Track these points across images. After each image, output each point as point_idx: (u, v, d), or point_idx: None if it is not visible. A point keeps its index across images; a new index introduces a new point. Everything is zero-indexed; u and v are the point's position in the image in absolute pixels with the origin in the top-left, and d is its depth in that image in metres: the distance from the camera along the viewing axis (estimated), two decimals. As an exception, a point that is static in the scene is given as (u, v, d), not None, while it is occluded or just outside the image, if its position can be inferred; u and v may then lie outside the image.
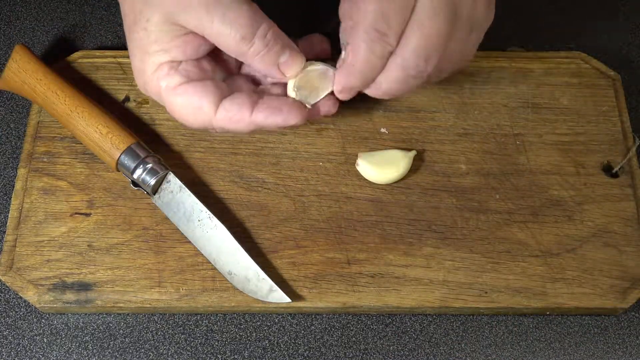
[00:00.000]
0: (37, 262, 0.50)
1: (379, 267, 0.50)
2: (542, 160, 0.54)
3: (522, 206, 0.52)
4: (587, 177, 0.54)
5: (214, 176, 0.53)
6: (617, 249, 0.51)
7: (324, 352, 0.50)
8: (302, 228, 0.51)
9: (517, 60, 0.58)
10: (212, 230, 0.50)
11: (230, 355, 0.50)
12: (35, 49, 0.61)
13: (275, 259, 0.50)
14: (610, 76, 0.58)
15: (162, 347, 0.50)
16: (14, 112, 0.58)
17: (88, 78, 0.57)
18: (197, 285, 0.49)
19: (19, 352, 0.50)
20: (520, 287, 0.50)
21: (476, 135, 0.55)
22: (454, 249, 0.51)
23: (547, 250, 0.51)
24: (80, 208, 0.52)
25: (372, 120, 0.56)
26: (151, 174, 0.50)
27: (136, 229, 0.51)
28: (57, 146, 0.54)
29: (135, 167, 0.50)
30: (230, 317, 0.51)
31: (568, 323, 0.51)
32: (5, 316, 0.51)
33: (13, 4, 0.64)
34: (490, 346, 0.50)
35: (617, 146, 0.55)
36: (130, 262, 0.50)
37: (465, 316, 0.51)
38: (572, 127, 0.56)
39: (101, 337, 0.50)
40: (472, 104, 0.57)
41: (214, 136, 0.55)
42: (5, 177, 0.55)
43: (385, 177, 0.52)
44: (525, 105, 0.56)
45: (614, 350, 0.50)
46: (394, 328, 0.51)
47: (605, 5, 0.65)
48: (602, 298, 0.50)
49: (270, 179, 0.53)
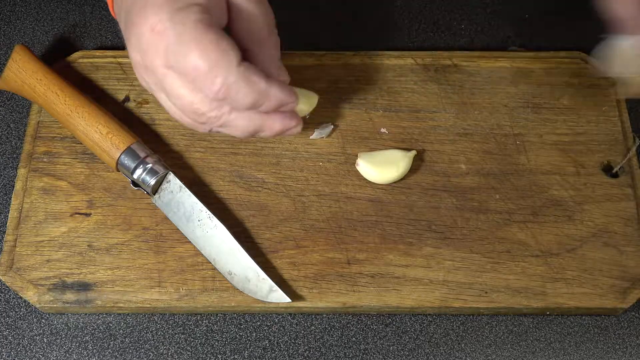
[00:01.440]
0: (37, 262, 0.50)
1: (379, 267, 0.50)
2: (542, 160, 0.54)
3: (522, 206, 0.52)
4: (587, 177, 0.54)
5: (214, 176, 0.53)
6: (617, 249, 0.51)
7: (324, 352, 0.50)
8: (302, 228, 0.51)
9: (517, 60, 0.58)
10: (212, 230, 0.50)
11: (230, 355, 0.50)
12: (35, 49, 0.61)
13: (275, 259, 0.50)
14: (610, 76, 0.58)
15: (162, 347, 0.50)
16: (14, 112, 0.58)
17: (88, 78, 0.57)
18: (197, 285, 0.49)
19: (19, 352, 0.50)
20: (520, 287, 0.50)
21: (476, 135, 0.55)
22: (454, 249, 0.51)
23: (547, 250, 0.51)
24: (80, 208, 0.52)
25: (372, 120, 0.56)
26: (151, 174, 0.50)
27: (136, 229, 0.51)
28: (57, 146, 0.54)
29: (135, 167, 0.50)
30: (230, 317, 0.51)
31: (568, 323, 0.51)
32: (5, 316, 0.51)
33: (13, 4, 0.64)
34: (490, 346, 0.50)
35: (617, 146, 0.55)
36: (130, 262, 0.50)
37: (465, 316, 0.51)
38: (572, 127, 0.56)
39: (101, 337, 0.50)
40: (472, 104, 0.57)
41: (214, 136, 0.55)
42: (5, 177, 0.55)
43: (385, 177, 0.52)
44: (525, 105, 0.56)
45: (614, 350, 0.50)
46: (394, 328, 0.51)
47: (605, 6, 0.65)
48: (602, 298, 0.50)
49: (270, 179, 0.53)
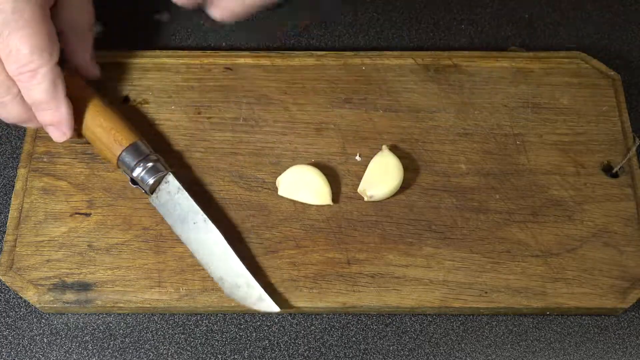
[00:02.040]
0: (37, 262, 0.50)
1: (379, 267, 0.50)
2: (542, 160, 0.54)
3: (522, 206, 0.52)
4: (587, 177, 0.54)
5: (214, 176, 0.53)
6: (617, 249, 0.51)
7: (324, 352, 0.50)
8: (302, 228, 0.51)
9: (517, 60, 0.58)
10: (206, 234, 0.49)
11: (230, 355, 0.50)
12: (35, 49, 0.61)
13: (275, 259, 0.50)
14: (610, 76, 0.58)
15: (162, 347, 0.50)
16: (14, 112, 0.58)
17: (88, 78, 0.57)
18: (197, 285, 0.49)
19: (19, 352, 0.50)
20: (520, 287, 0.50)
21: (476, 135, 0.55)
22: (454, 249, 0.51)
23: (547, 250, 0.51)
24: (80, 208, 0.52)
25: (372, 120, 0.56)
26: (150, 173, 0.50)
27: (136, 229, 0.51)
28: (57, 146, 0.54)
29: (136, 165, 0.50)
30: (230, 317, 0.51)
31: (568, 323, 0.51)
32: (5, 316, 0.51)
33: (13, 4, 0.63)
34: (490, 346, 0.50)
35: (617, 146, 0.55)
36: (130, 262, 0.50)
37: (465, 316, 0.51)
38: (572, 127, 0.56)
39: (101, 337, 0.50)
40: (472, 104, 0.57)
41: (213, 136, 0.55)
42: (5, 177, 0.55)
43: (390, 188, 0.52)
44: (525, 105, 0.56)
45: (614, 350, 0.50)
46: (394, 328, 0.51)
47: (605, 5, 0.65)
48: (602, 298, 0.50)
49: (270, 179, 0.53)
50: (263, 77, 0.57)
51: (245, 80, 0.57)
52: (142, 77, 0.57)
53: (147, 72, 0.57)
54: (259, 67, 0.58)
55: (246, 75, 0.57)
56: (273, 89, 0.57)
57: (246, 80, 0.57)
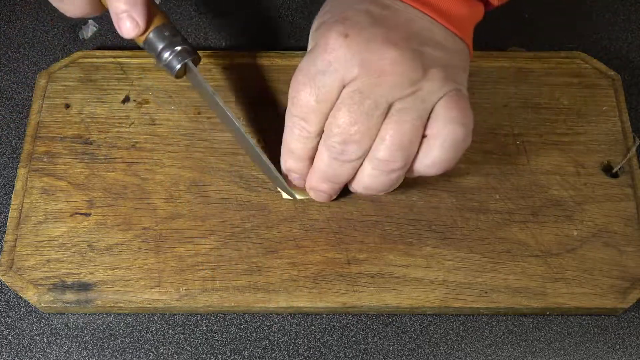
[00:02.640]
0: (37, 262, 0.50)
1: (379, 267, 0.50)
2: (542, 160, 0.54)
3: (522, 206, 0.52)
4: (587, 177, 0.54)
5: (214, 176, 0.53)
6: (617, 249, 0.51)
7: (324, 352, 0.50)
8: (302, 228, 0.51)
9: (517, 60, 0.58)
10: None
11: (230, 355, 0.50)
12: (35, 49, 0.61)
13: (275, 259, 0.50)
14: (610, 76, 0.58)
15: (162, 347, 0.50)
16: (14, 112, 0.58)
17: (88, 78, 0.57)
18: (197, 285, 0.49)
19: (19, 352, 0.50)
20: (520, 287, 0.50)
21: (476, 135, 0.55)
22: (454, 249, 0.51)
23: (547, 250, 0.51)
24: (80, 208, 0.52)
25: (372, 120, 0.56)
26: (178, 59, 0.48)
27: (136, 229, 0.51)
28: (57, 146, 0.54)
29: (163, 48, 0.48)
30: (230, 317, 0.51)
31: (568, 323, 0.51)
32: (5, 316, 0.51)
33: (13, 4, 0.64)
34: (490, 346, 0.50)
35: (617, 146, 0.55)
36: (130, 262, 0.50)
37: (465, 316, 0.51)
38: (572, 127, 0.56)
39: (101, 337, 0.50)
40: (472, 104, 0.56)
41: (213, 136, 0.55)
42: (5, 177, 0.55)
43: None
44: (525, 105, 0.56)
45: (614, 350, 0.50)
46: (394, 328, 0.51)
47: (605, 5, 0.65)
48: (602, 298, 0.50)
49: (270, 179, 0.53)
50: (263, 77, 0.57)
51: (245, 80, 0.57)
52: (142, 77, 0.57)
53: (147, 72, 0.57)
54: (259, 67, 0.58)
55: (246, 75, 0.57)
56: (273, 89, 0.57)
57: (246, 80, 0.57)
